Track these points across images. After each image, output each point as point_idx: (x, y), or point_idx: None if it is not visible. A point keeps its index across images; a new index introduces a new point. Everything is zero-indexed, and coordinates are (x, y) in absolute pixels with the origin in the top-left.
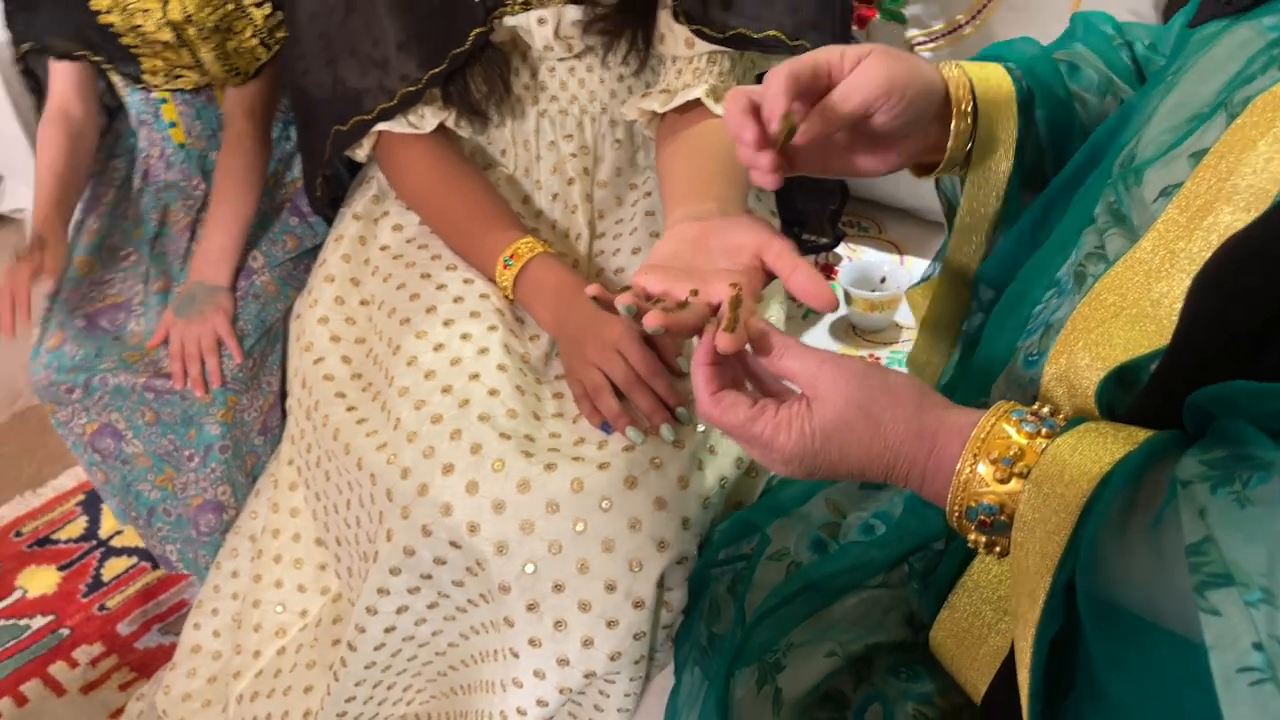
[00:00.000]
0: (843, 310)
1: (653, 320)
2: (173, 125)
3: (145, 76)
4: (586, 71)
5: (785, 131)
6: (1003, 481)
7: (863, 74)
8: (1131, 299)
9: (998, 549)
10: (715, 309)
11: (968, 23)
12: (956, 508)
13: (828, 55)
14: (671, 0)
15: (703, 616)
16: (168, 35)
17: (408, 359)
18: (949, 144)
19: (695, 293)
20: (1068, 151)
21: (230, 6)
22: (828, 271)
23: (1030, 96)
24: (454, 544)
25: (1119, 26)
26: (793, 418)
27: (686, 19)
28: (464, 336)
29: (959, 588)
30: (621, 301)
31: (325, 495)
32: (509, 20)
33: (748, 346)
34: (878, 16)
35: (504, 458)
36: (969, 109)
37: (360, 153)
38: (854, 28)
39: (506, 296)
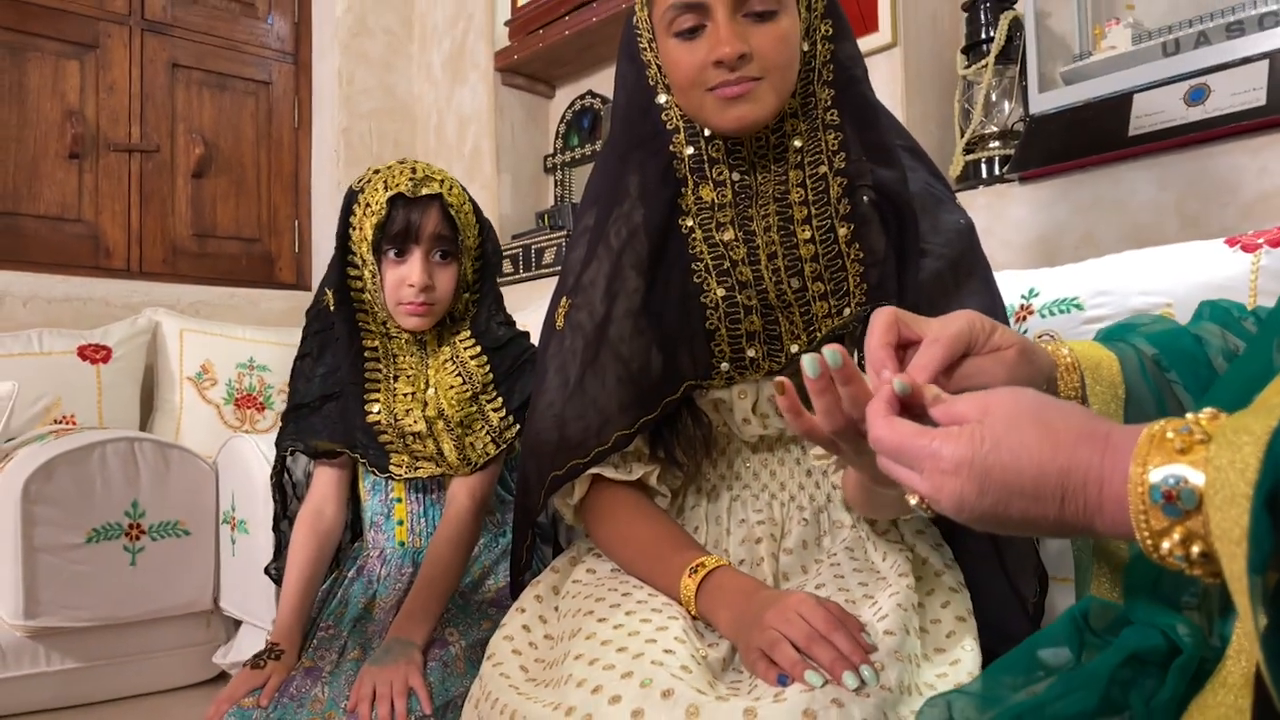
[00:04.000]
0: None
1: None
2: (400, 523)
3: (391, 467)
4: (779, 464)
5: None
6: (1183, 451)
7: (989, 366)
8: None
9: (1195, 548)
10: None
11: None
12: (1140, 498)
13: (978, 333)
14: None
15: None
16: (420, 426)
17: (586, 635)
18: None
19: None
20: None
21: (473, 408)
22: None
23: (1140, 357)
24: None
25: (1242, 308)
26: (962, 429)
27: None
28: (644, 620)
29: (1190, 708)
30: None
31: None
32: (714, 393)
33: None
34: None
35: (674, 688)
36: (1077, 382)
37: (570, 503)
38: None
39: (690, 613)
